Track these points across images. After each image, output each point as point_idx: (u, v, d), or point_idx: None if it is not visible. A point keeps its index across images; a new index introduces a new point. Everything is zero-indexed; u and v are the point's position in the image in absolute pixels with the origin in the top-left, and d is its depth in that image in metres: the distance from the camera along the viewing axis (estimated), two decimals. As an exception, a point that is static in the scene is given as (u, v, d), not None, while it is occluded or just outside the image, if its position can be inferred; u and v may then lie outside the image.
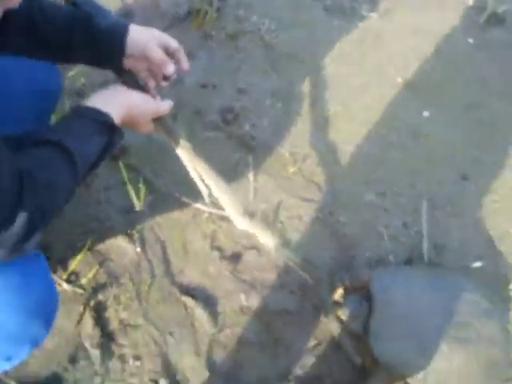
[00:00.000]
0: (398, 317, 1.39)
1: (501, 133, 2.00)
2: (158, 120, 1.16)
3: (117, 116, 1.00)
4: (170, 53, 1.15)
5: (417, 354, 1.34)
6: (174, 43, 1.15)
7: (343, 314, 1.42)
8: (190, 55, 1.90)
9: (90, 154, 0.96)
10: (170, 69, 1.13)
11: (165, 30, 2.01)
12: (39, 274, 0.96)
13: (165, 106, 1.13)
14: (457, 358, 1.33)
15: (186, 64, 1.17)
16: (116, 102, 1.02)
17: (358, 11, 2.31)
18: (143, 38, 1.11)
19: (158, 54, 1.11)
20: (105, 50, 1.10)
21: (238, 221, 1.28)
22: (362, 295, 1.44)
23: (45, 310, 0.95)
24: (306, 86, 1.96)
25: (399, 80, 2.07)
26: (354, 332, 1.41)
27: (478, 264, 1.61)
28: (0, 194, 0.74)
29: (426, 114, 1.97)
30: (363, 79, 2.04)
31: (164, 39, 1.14)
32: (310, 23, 2.22)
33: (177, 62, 1.16)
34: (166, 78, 1.17)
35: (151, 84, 1.18)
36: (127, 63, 1.14)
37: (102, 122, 0.97)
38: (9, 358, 0.96)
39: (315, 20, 2.24)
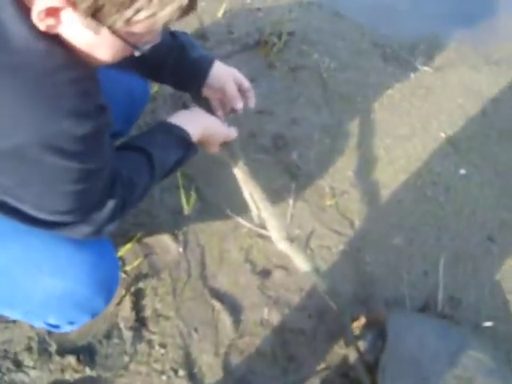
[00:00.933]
0: (407, 359, 1.48)
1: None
2: (225, 143, 1.33)
3: (194, 134, 1.17)
4: (241, 90, 1.34)
5: None
6: (246, 84, 1.34)
7: (361, 344, 1.52)
8: (253, 81, 2.06)
9: (167, 162, 1.13)
10: (240, 104, 1.32)
11: (234, 54, 2.19)
12: (109, 256, 1.12)
13: (234, 132, 1.30)
14: None
15: (252, 103, 1.37)
16: (196, 122, 1.19)
17: (413, 63, 2.45)
18: (224, 74, 1.30)
19: (233, 90, 1.30)
20: (190, 77, 1.28)
21: (279, 242, 1.42)
22: (378, 331, 1.53)
23: (108, 288, 1.11)
24: (354, 127, 2.10)
25: (442, 135, 2.18)
26: (367, 363, 1.51)
27: (489, 323, 1.70)
28: (101, 182, 0.91)
29: (462, 171, 2.08)
30: (408, 129, 2.17)
31: (240, 79, 1.33)
32: (366, 68, 2.37)
33: (245, 99, 1.35)
34: (233, 110, 1.36)
35: (220, 113, 1.37)
36: (205, 92, 1.33)
37: (182, 138, 1.14)
38: (71, 323, 1.13)
39: (372, 65, 2.39)
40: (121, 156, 1.02)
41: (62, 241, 1.02)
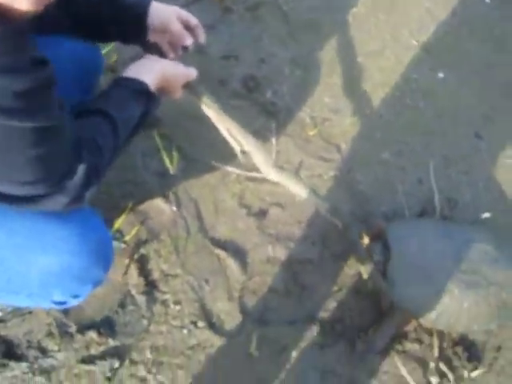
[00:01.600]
0: (412, 264, 1.51)
1: (513, 92, 2.08)
2: (187, 85, 1.28)
3: (152, 83, 1.13)
4: (189, 28, 1.29)
5: (429, 297, 1.47)
6: (193, 19, 1.30)
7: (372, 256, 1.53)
8: (212, 28, 2.02)
9: (129, 119, 1.10)
10: (189, 41, 1.28)
11: (187, 5, 2.13)
12: (97, 225, 1.12)
13: (193, 71, 1.25)
14: (467, 300, 1.45)
15: (202, 37, 1.33)
16: (150, 70, 1.15)
17: None
18: (166, 13, 1.25)
19: (178, 28, 1.26)
20: (130, 24, 1.23)
21: (268, 172, 1.39)
22: (382, 244, 1.54)
23: (103, 255, 1.11)
24: (323, 53, 2.07)
25: (414, 42, 2.15)
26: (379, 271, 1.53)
27: (487, 215, 1.72)
28: (61, 145, 0.90)
29: (439, 74, 2.06)
30: (379, 43, 2.14)
31: (184, 15, 1.29)
32: (325, -9, 2.32)
33: (195, 36, 1.31)
34: (184, 49, 1.32)
35: (172, 56, 1.32)
36: (152, 37, 1.27)
37: (139, 90, 1.11)
38: (75, 296, 1.14)
39: (330, -13, 2.34)
40: (80, 122, 1.00)
41: (44, 219, 1.02)
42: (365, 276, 1.54)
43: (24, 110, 0.80)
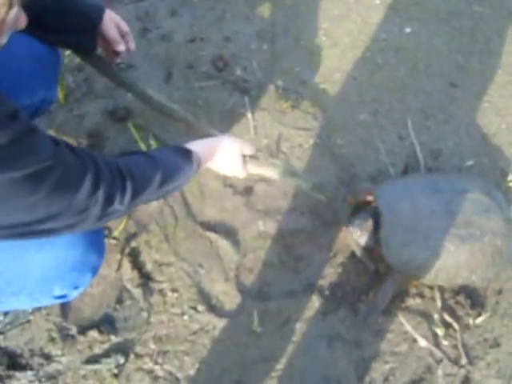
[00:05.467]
0: (405, 225, 1.49)
1: (482, 37, 2.06)
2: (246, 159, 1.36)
3: (201, 151, 1.22)
4: (120, 33, 1.31)
5: (426, 256, 1.46)
6: (124, 25, 1.32)
7: (354, 230, 1.52)
8: (174, 14, 1.98)
9: (172, 166, 1.15)
10: (122, 47, 1.30)
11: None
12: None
13: (250, 146, 1.35)
14: (463, 254, 1.45)
15: (132, 44, 1.35)
16: (203, 143, 1.27)
17: None
18: (106, 19, 1.27)
19: (114, 33, 1.28)
20: (84, 32, 1.25)
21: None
22: (372, 209, 1.55)
23: (96, 241, 1.12)
24: (288, 23, 2.03)
25: (377, 2, 2.12)
26: (366, 246, 1.53)
27: (471, 161, 1.72)
28: (75, 181, 0.91)
29: (407, 30, 2.03)
30: (343, 7, 2.10)
31: (117, 20, 1.31)
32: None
33: (126, 42, 1.33)
34: (116, 54, 1.34)
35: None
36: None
37: (183, 150, 1.19)
38: (76, 287, 1.14)
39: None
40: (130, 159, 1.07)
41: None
42: (358, 253, 1.55)
43: (12, 160, 0.80)
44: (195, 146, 1.22)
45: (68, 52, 1.86)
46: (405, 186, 1.60)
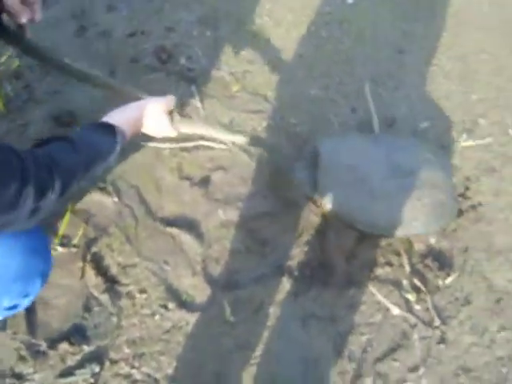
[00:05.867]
0: (345, 168, 1.49)
1: (425, 2, 2.07)
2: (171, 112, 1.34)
3: (121, 121, 1.18)
4: (27, 4, 1.21)
5: (363, 202, 1.46)
6: None
7: (297, 175, 1.54)
8: (113, 9, 1.93)
9: (91, 143, 1.11)
10: (23, 19, 1.20)
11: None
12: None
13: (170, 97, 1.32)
14: (401, 200, 1.45)
15: (39, 14, 1.24)
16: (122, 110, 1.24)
17: None
18: None
19: (12, 2, 1.18)
20: None
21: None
22: (310, 162, 1.54)
23: (38, 246, 1.08)
24: (229, 8, 2.01)
25: (317, -24, 2.10)
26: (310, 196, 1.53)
27: (425, 124, 1.73)
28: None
29: (350, 1, 2.03)
30: (283, -15, 2.09)
31: None
32: None
33: (32, 12, 1.22)
34: (19, 26, 1.25)
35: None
36: None
37: (102, 125, 1.16)
38: (26, 295, 1.10)
39: None
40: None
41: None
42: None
43: None
44: (117, 117, 1.19)
45: (3, 59, 1.80)
46: (350, 139, 1.60)
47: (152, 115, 1.27)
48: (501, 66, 1.92)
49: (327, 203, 1.47)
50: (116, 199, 1.58)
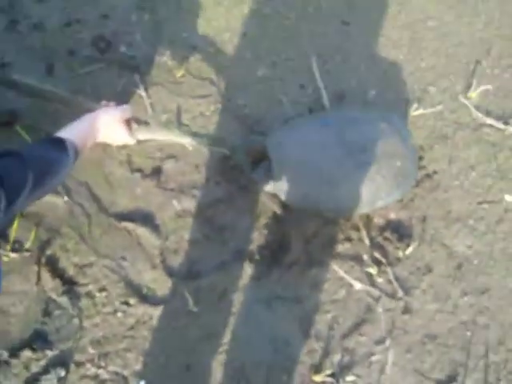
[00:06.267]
0: (294, 163, 1.45)
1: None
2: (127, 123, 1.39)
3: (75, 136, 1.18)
4: None
5: (320, 189, 1.44)
6: None
7: (256, 178, 1.51)
8: (44, 2, 1.82)
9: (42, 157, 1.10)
10: None
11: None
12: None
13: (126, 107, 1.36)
14: (360, 180, 1.43)
15: None
16: (75, 126, 1.23)
17: None
18: None
19: None
20: None
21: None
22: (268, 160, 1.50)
23: None
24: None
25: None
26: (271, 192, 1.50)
27: (375, 95, 1.72)
28: None
29: (291, -26, 1.98)
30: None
31: None
32: None
33: None
34: None
35: None
36: None
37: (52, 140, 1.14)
38: None
39: None
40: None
41: None
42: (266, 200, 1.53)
43: None
44: (70, 130, 1.19)
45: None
46: (292, 128, 1.56)
47: (108, 125, 1.30)
48: (448, 32, 1.91)
49: (287, 201, 1.46)
50: (66, 198, 1.53)
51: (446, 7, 1.95)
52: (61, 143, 1.12)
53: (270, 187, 1.46)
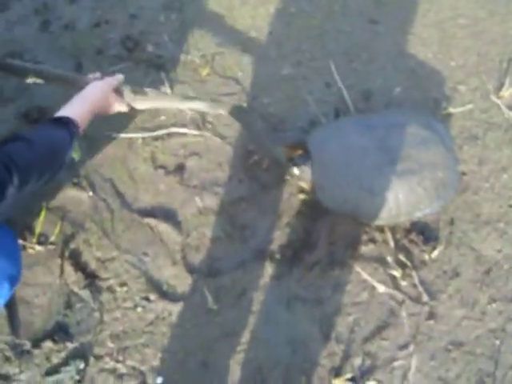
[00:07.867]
0: (336, 165, 1.43)
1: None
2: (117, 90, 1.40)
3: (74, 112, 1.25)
4: None
5: (360, 195, 1.41)
6: None
7: (296, 170, 1.49)
8: (74, 0, 1.88)
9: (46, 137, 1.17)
10: None
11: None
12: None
13: (118, 76, 1.40)
14: (401, 190, 1.39)
15: None
16: (72, 103, 1.28)
17: None
18: None
19: None
20: None
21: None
22: (306, 155, 1.48)
23: (9, 252, 1.11)
24: (196, -11, 1.97)
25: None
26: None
27: (400, 90, 1.68)
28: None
29: (319, -26, 1.98)
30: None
31: None
32: None
33: None
34: None
35: None
36: None
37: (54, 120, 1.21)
38: None
39: None
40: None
41: None
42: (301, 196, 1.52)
43: None
44: (68, 109, 1.25)
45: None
46: (335, 128, 1.53)
47: (100, 96, 1.34)
48: (479, 30, 1.87)
49: (325, 202, 1.44)
50: (91, 193, 1.55)
51: (477, 5, 1.91)
52: (62, 121, 1.20)
53: (305, 181, 1.44)
